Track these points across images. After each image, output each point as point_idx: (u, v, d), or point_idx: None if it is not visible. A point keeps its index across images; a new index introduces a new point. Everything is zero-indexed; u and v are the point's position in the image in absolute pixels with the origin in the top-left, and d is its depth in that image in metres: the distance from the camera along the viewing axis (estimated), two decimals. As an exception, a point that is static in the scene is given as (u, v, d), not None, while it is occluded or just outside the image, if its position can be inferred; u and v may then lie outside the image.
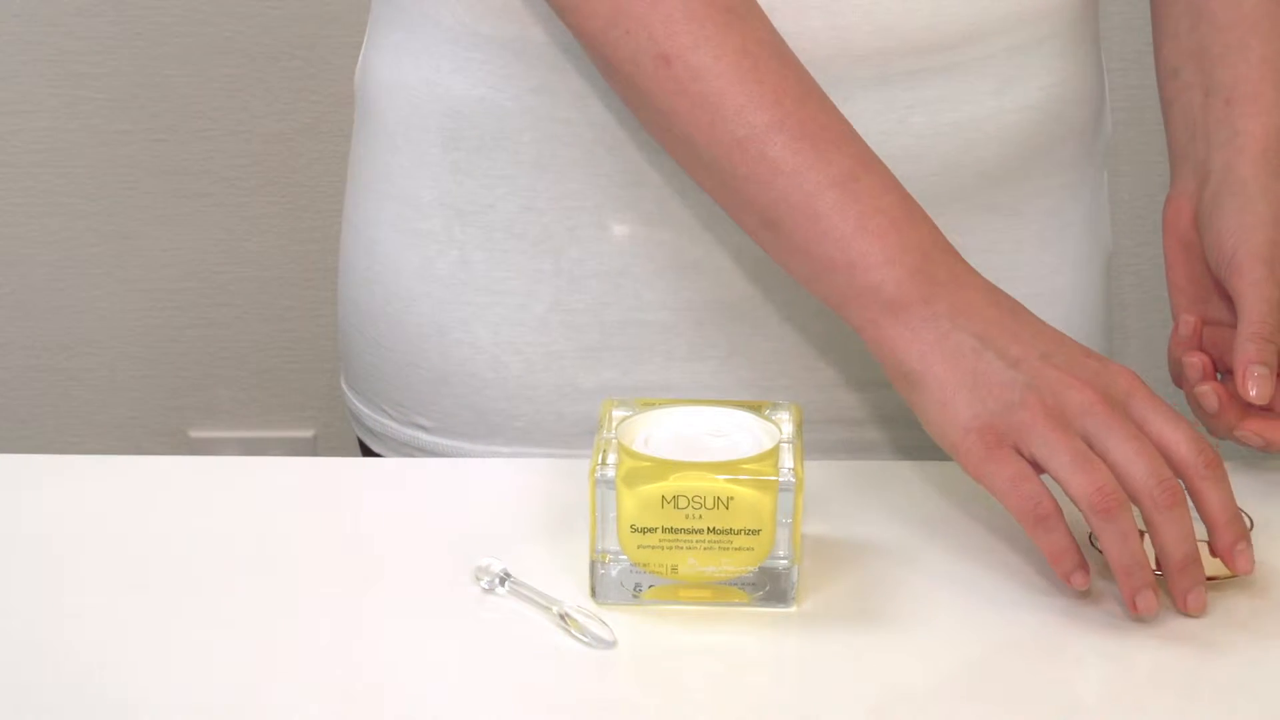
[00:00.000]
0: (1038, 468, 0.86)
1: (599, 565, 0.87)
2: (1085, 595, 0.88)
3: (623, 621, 0.86)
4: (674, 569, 0.87)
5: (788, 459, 0.87)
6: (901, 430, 1.07)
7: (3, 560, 0.92)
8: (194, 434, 2.21)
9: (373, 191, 1.09)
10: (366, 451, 1.16)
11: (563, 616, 0.86)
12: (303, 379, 2.20)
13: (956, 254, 0.92)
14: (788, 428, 0.89)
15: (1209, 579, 0.88)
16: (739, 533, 0.86)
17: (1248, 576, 0.89)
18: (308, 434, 2.21)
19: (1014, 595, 0.89)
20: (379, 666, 0.84)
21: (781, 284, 1.02)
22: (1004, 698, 0.82)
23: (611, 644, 0.84)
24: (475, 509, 0.96)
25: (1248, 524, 0.90)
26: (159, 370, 2.18)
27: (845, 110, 0.96)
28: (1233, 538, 0.86)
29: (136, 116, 2.07)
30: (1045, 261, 1.06)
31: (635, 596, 0.88)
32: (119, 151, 2.08)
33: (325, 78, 2.04)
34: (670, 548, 0.86)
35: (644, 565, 0.87)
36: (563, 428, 1.06)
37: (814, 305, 1.03)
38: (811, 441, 0.95)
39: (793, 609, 0.88)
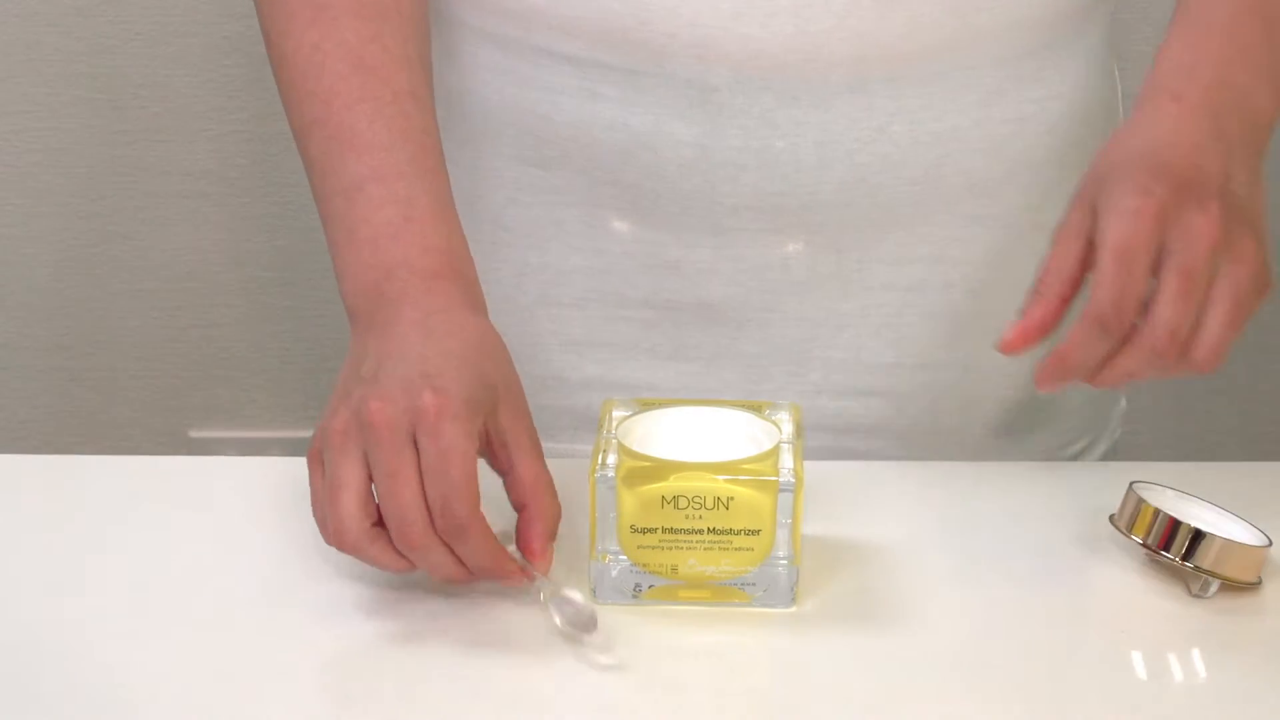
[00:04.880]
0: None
1: (599, 565, 0.87)
2: (1084, 597, 0.88)
3: (623, 622, 0.86)
4: (674, 569, 0.87)
5: (787, 459, 0.87)
6: (885, 440, 1.07)
7: (3, 560, 0.92)
8: (194, 434, 2.21)
9: None
10: None
11: (547, 598, 0.85)
12: (303, 379, 2.19)
13: (436, 273, 0.91)
14: (787, 428, 0.89)
15: (1224, 578, 0.88)
16: (739, 533, 0.86)
17: (1262, 586, 0.89)
18: (308, 434, 2.21)
19: (1014, 595, 0.89)
20: (379, 666, 0.84)
21: (761, 290, 1.02)
22: (1004, 697, 0.82)
23: (591, 626, 0.84)
24: (475, 509, 0.96)
25: (1266, 542, 0.90)
26: (159, 370, 2.18)
27: (821, 116, 0.96)
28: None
29: (137, 117, 2.07)
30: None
31: (635, 597, 0.88)
32: (119, 152, 2.08)
33: (325, 78, 2.04)
34: (670, 548, 0.86)
35: (644, 565, 0.87)
36: (547, 419, 1.06)
37: (795, 312, 1.03)
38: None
39: (793, 609, 0.88)
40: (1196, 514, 0.91)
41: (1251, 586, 0.89)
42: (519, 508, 0.88)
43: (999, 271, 1.04)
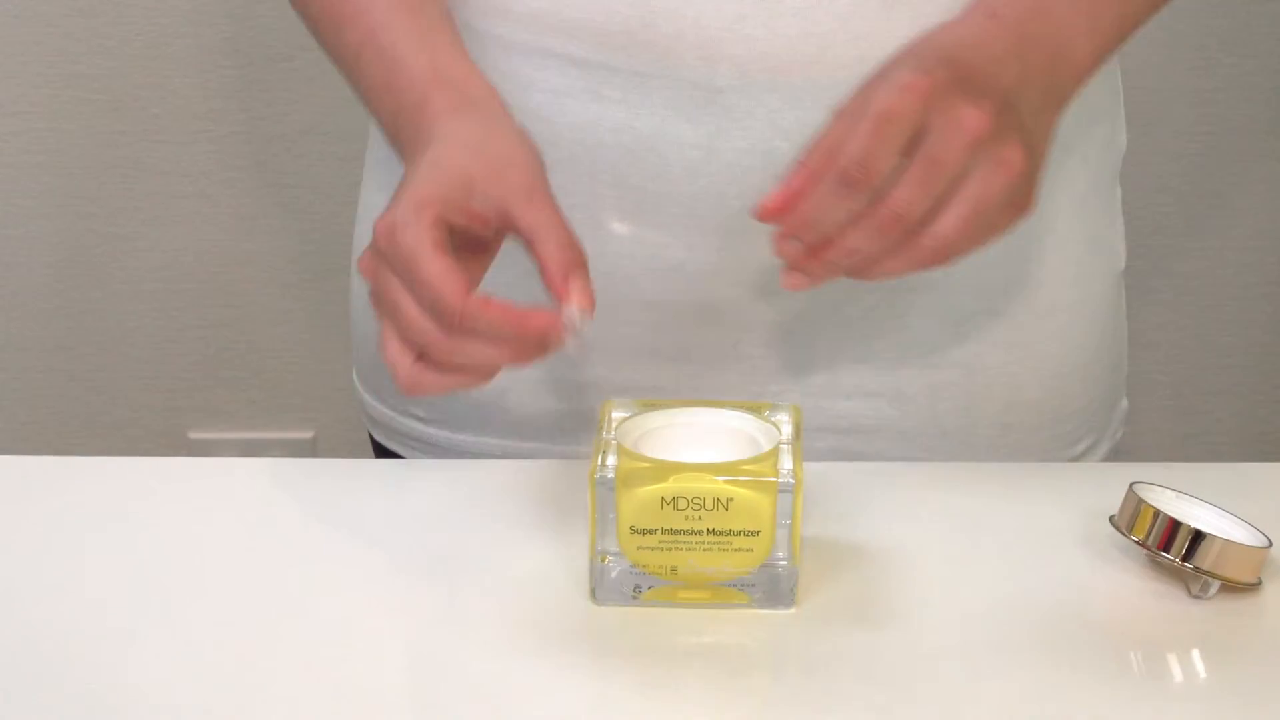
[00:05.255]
0: None
1: (598, 566, 0.87)
2: (1091, 597, 0.88)
3: (622, 623, 0.86)
4: (673, 570, 0.87)
5: (787, 460, 0.87)
6: (889, 441, 1.07)
7: (2, 562, 0.92)
8: (193, 435, 2.21)
9: (377, 180, 1.10)
10: (373, 442, 1.16)
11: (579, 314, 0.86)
12: (302, 380, 2.20)
13: (421, 103, 0.94)
14: (787, 429, 0.89)
15: (1224, 579, 0.88)
16: (738, 534, 0.86)
17: (1262, 586, 0.89)
18: (307, 435, 2.21)
19: (1013, 596, 0.89)
20: (378, 667, 0.84)
21: (764, 291, 1.02)
22: (1004, 698, 0.82)
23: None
24: (475, 510, 0.96)
25: (1266, 543, 0.90)
26: (158, 371, 2.18)
27: (826, 117, 0.96)
28: (534, 335, 0.85)
29: (135, 118, 2.07)
30: (1039, 277, 1.05)
31: (635, 597, 0.88)
32: (118, 153, 2.08)
33: (323, 79, 2.04)
34: (670, 549, 0.86)
35: (643, 566, 0.87)
36: (552, 421, 1.07)
37: (797, 312, 1.03)
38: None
39: (792, 610, 0.88)
40: (1196, 515, 0.91)
41: (1251, 587, 0.89)
42: (540, 267, 0.88)
43: (1001, 272, 1.04)
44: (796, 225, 0.86)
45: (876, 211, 0.85)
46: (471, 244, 0.90)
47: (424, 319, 0.85)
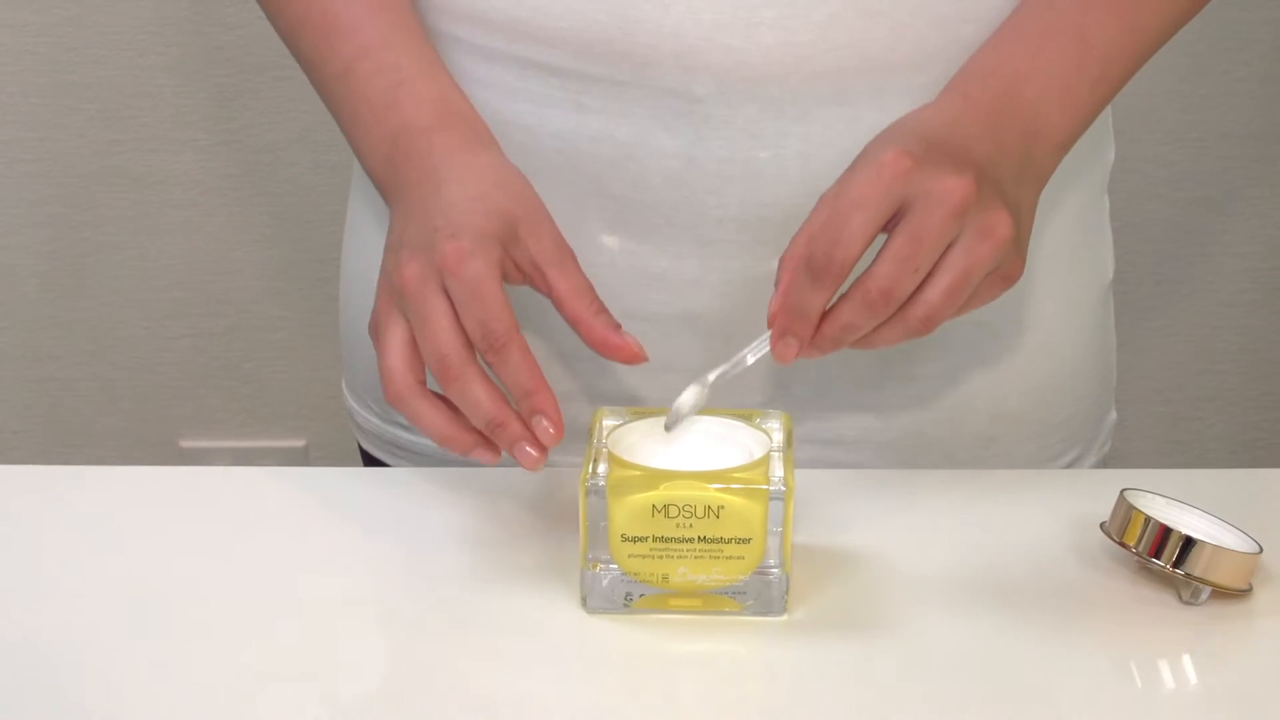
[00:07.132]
0: None
1: (590, 574, 0.87)
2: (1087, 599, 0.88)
3: (613, 630, 0.86)
4: (665, 578, 0.87)
5: (778, 468, 0.87)
6: (871, 453, 1.07)
7: (-7, 571, 0.92)
8: (185, 444, 2.21)
9: (365, 190, 1.10)
10: (362, 451, 1.16)
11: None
12: (294, 388, 2.19)
13: (433, 127, 0.95)
14: (778, 436, 0.89)
15: (1215, 585, 0.88)
16: (730, 541, 0.86)
17: (1253, 593, 0.89)
18: (299, 443, 2.21)
19: (1005, 603, 0.90)
20: (370, 676, 0.84)
21: (747, 302, 1.02)
22: (995, 705, 0.82)
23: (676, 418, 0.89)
24: (467, 517, 0.96)
25: (1257, 549, 0.90)
26: (150, 380, 2.18)
27: (805, 127, 0.96)
28: (527, 411, 0.88)
29: (127, 126, 2.07)
30: (1024, 289, 1.05)
31: (626, 605, 0.88)
32: (110, 161, 2.08)
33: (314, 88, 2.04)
34: (661, 557, 0.86)
35: (635, 574, 0.87)
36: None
37: None
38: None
39: (783, 617, 0.88)
40: (1187, 521, 0.91)
41: (1242, 593, 0.89)
42: (573, 324, 0.91)
43: None
44: (786, 319, 0.88)
45: (862, 287, 0.86)
46: None
47: (454, 340, 0.88)
